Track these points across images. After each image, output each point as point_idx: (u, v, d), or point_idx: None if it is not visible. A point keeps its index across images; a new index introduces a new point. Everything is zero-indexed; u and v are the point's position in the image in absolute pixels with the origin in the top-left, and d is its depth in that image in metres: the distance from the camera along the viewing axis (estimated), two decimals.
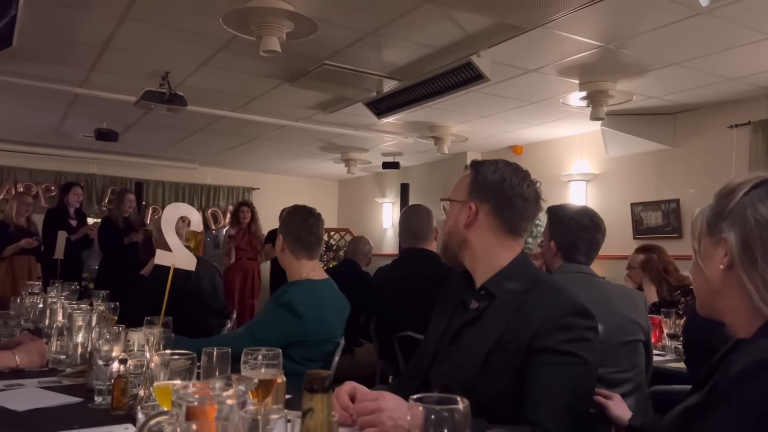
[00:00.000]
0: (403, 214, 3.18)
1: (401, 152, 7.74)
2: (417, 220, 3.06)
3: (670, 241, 5.40)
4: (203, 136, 7.05)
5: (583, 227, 2.29)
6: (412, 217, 3.09)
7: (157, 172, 8.80)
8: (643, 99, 5.02)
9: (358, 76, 4.63)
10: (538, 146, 6.87)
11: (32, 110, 6.06)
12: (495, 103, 5.35)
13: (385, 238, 9.10)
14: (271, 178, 9.72)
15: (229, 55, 4.28)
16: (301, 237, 2.46)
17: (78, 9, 3.58)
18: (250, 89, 5.16)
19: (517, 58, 4.21)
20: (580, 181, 6.27)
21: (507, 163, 1.66)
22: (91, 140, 6.71)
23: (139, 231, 6.34)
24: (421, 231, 3.02)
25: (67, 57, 4.45)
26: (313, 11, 3.49)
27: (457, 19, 3.60)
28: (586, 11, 3.35)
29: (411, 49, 4.13)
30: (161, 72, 4.67)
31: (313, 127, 6.32)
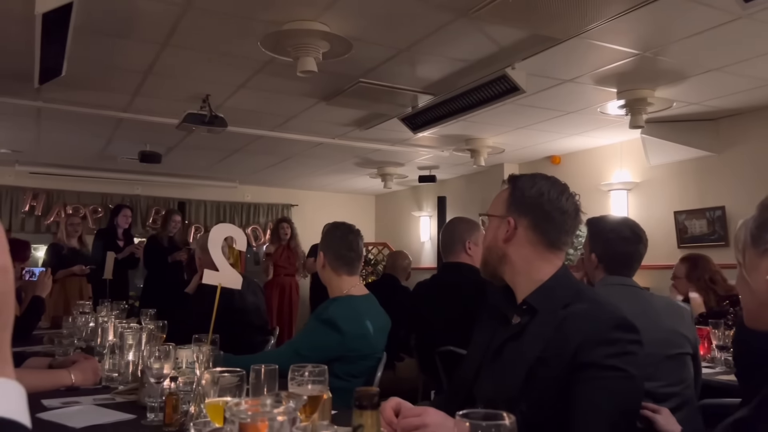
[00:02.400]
0: (445, 227, 3.19)
1: (437, 165, 7.75)
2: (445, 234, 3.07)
3: (716, 249, 5.26)
4: (242, 155, 7.20)
5: (624, 239, 2.26)
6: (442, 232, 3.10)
7: (198, 192, 9.01)
8: (684, 105, 4.93)
9: (392, 92, 4.68)
10: (577, 156, 6.79)
11: (79, 135, 6.28)
12: (531, 114, 5.32)
13: (423, 252, 9.10)
14: (308, 195, 9.84)
15: (266, 76, 4.38)
16: (341, 253, 2.50)
17: (122, 37, 3.72)
18: (288, 109, 5.26)
19: (552, 69, 4.19)
20: (621, 191, 6.17)
21: (545, 177, 1.66)
22: (135, 162, 6.92)
23: (182, 250, 6.51)
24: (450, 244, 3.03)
25: (112, 83, 4.62)
26: (347, 31, 3.55)
27: (490, 33, 3.62)
28: (621, 20, 3.33)
29: (445, 64, 4.16)
30: (202, 95, 4.80)
31: (350, 143, 6.40)
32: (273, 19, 3.40)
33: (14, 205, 8.03)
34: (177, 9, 3.31)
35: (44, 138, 6.40)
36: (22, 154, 7.27)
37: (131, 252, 6.42)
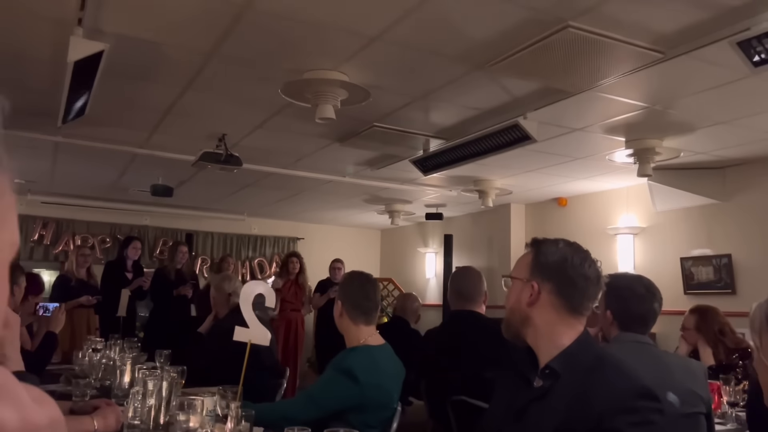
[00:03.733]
0: (453, 276, 3.23)
1: (444, 204, 7.83)
2: (467, 282, 3.11)
3: (723, 297, 5.29)
4: (253, 189, 7.28)
5: (639, 296, 2.30)
6: (462, 279, 3.14)
7: (206, 224, 9.07)
8: (691, 154, 5.02)
9: (405, 136, 4.78)
10: (584, 198, 6.86)
11: (93, 168, 6.37)
12: (540, 159, 5.41)
13: (428, 288, 9.11)
14: (315, 228, 9.90)
15: (283, 118, 4.48)
16: (359, 303, 2.54)
17: (145, 80, 3.83)
18: (301, 148, 5.35)
19: (562, 118, 4.29)
20: (627, 235, 6.22)
21: (568, 243, 1.72)
22: (146, 194, 7.00)
23: (187, 284, 6.54)
24: (471, 294, 3.07)
25: (131, 121, 4.71)
26: (366, 80, 3.65)
27: (504, 84, 3.72)
28: (632, 76, 3.43)
29: (458, 111, 4.25)
30: (218, 133, 4.89)
31: (360, 182, 6.48)
32: (294, 67, 3.50)
33: (24, 233, 8.09)
34: (202, 57, 3.41)
35: (59, 169, 6.49)
36: (35, 184, 7.35)
37: (139, 285, 6.46)
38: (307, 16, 2.92)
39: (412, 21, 2.92)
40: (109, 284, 6.33)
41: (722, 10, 2.72)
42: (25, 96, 4.20)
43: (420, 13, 2.84)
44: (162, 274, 6.61)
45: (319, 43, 3.20)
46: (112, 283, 6.36)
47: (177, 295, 6.42)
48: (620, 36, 2.97)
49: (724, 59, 3.13)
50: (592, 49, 3.08)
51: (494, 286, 7.47)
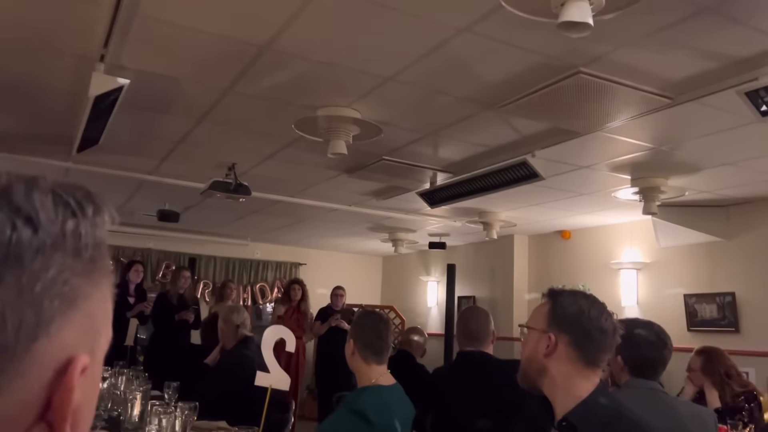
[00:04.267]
0: (460, 315, 3.25)
1: (448, 233, 7.86)
2: (475, 322, 3.12)
3: (726, 335, 5.31)
4: (258, 216, 7.31)
5: (650, 343, 2.33)
6: (469, 319, 3.15)
7: (210, 248, 9.08)
8: (696, 193, 5.07)
9: (413, 169, 4.83)
10: (587, 232, 6.90)
11: (100, 192, 6.36)
12: (545, 194, 5.46)
13: (429, 317, 9.11)
14: (317, 254, 9.91)
15: (294, 150, 4.53)
16: (371, 342, 2.56)
17: (161, 112, 3.88)
18: (310, 178, 5.40)
19: (569, 157, 4.34)
20: (631, 270, 6.25)
21: (584, 295, 1.75)
22: (150, 217, 7.03)
23: (189, 309, 6.55)
24: (479, 334, 3.08)
25: (143, 150, 4.77)
26: (377, 117, 3.71)
27: (514, 124, 3.78)
28: (640, 119, 3.49)
29: (466, 147, 4.31)
30: (228, 163, 4.94)
31: (365, 210, 6.52)
32: (308, 104, 3.57)
33: None
34: (218, 92, 3.47)
35: None
36: None
37: (140, 310, 6.45)
38: (324, 57, 2.99)
39: (427, 63, 2.98)
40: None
41: (730, 60, 2.79)
42: (40, 124, 4.26)
43: (435, 56, 2.90)
44: (164, 298, 6.62)
45: (334, 81, 3.27)
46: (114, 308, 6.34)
47: (179, 319, 6.42)
48: (630, 82, 3.04)
49: (731, 106, 3.19)
50: (602, 94, 3.15)
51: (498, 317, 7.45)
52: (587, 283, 6.70)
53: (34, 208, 0.50)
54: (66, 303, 0.50)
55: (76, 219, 0.52)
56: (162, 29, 2.76)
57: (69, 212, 0.52)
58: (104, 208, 0.56)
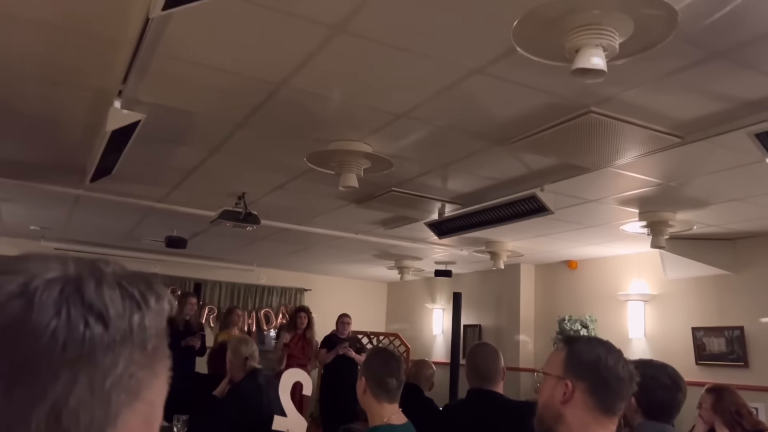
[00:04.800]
0: (470, 353, 3.24)
1: (454, 261, 7.86)
2: (485, 361, 3.11)
3: (735, 369, 5.28)
4: (265, 242, 7.33)
5: (664, 386, 2.32)
6: (479, 357, 3.14)
7: (215, 273, 9.09)
8: (704, 227, 5.08)
9: (421, 200, 4.86)
10: (594, 262, 6.90)
11: (110, 218, 6.46)
12: (553, 225, 5.47)
13: (435, 345, 9.07)
14: (322, 279, 9.91)
15: (304, 181, 4.57)
16: (383, 380, 2.55)
17: (174, 144, 3.93)
18: (318, 207, 5.43)
19: (578, 190, 4.37)
20: (638, 302, 6.23)
21: (601, 342, 1.76)
22: (157, 243, 7.05)
23: (196, 335, 6.54)
24: (489, 372, 3.07)
25: (154, 178, 4.81)
26: (389, 150, 3.75)
27: (523, 159, 3.81)
28: (649, 156, 3.52)
29: (475, 180, 4.34)
30: (238, 192, 4.98)
31: (372, 239, 6.54)
32: (320, 138, 3.61)
33: None
34: (232, 126, 3.52)
35: (75, 219, 6.57)
36: (49, 231, 7.43)
37: None
38: (337, 95, 3.03)
39: (439, 101, 3.03)
40: None
41: (740, 102, 2.82)
42: (53, 153, 4.31)
43: (447, 95, 2.94)
44: (171, 325, 6.59)
45: (347, 117, 3.31)
46: None
47: (185, 346, 6.41)
48: (640, 121, 3.07)
49: (741, 145, 3.22)
50: (612, 132, 3.18)
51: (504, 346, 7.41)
52: (594, 313, 6.70)
53: (105, 304, 0.52)
54: (131, 396, 0.52)
55: (141, 312, 0.54)
56: (179, 67, 2.81)
57: (135, 305, 0.54)
58: (164, 296, 0.58)
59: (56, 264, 0.54)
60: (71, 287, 0.51)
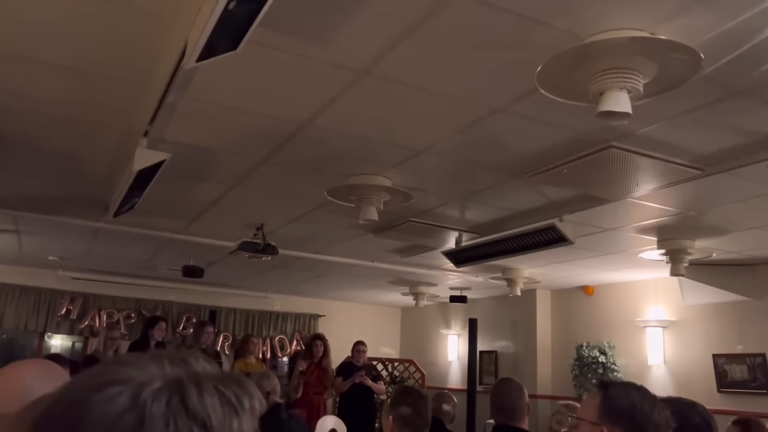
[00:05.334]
0: (494, 388, 3.21)
1: (469, 287, 7.85)
2: (509, 397, 3.09)
3: (758, 397, 5.22)
4: (280, 270, 7.35)
5: (696, 426, 2.30)
6: (504, 393, 3.12)
7: (230, 300, 9.11)
8: (723, 253, 5.06)
9: (439, 230, 4.88)
10: (611, 288, 6.87)
11: (128, 249, 6.51)
12: (570, 252, 5.46)
13: (450, 372, 9.01)
14: (336, 305, 9.90)
15: (322, 212, 4.60)
16: (410, 420, 2.56)
17: (197, 180, 3.99)
18: (335, 237, 5.46)
19: (596, 220, 4.37)
20: (656, 328, 6.19)
21: (636, 388, 1.76)
22: (173, 271, 7.09)
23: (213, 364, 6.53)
24: (514, 408, 3.05)
25: (174, 211, 4.86)
26: (408, 184, 3.79)
27: (542, 191, 3.83)
28: (668, 188, 3.53)
29: (493, 211, 4.36)
30: (257, 223, 5.01)
31: (388, 266, 6.55)
32: (341, 172, 3.65)
33: (52, 307, 8.19)
34: (254, 162, 3.57)
35: (94, 249, 6.63)
36: (67, 261, 7.50)
37: None
38: (359, 133, 3.08)
39: (459, 138, 3.06)
40: None
41: (761, 136, 2.84)
42: (76, 188, 4.38)
43: (468, 131, 2.98)
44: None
45: (368, 153, 3.35)
46: None
47: None
48: (660, 155, 3.09)
49: (761, 176, 3.23)
50: (632, 165, 3.20)
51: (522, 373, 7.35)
52: (612, 340, 6.65)
53: (207, 414, 0.54)
54: None
55: (238, 417, 0.56)
56: (206, 108, 2.87)
57: (233, 411, 0.56)
58: (255, 396, 0.61)
59: (155, 368, 0.56)
60: (176, 398, 0.54)
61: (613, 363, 6.46)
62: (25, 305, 8.08)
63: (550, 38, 2.11)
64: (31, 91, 2.79)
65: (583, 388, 6.70)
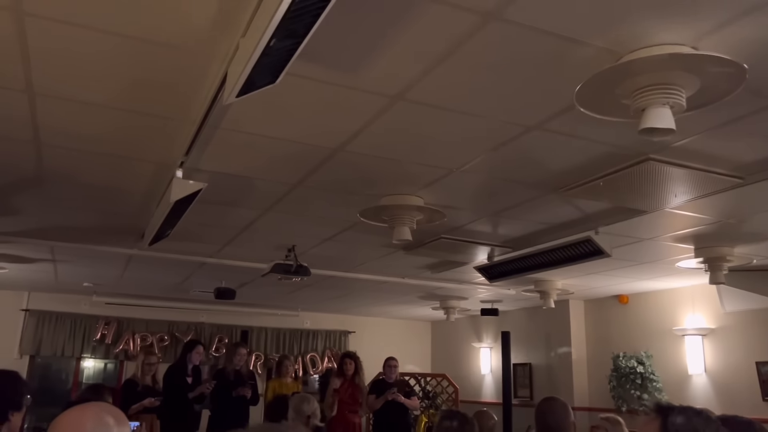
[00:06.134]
0: (538, 409, 3.18)
1: (500, 299, 7.78)
2: (554, 417, 3.05)
3: None
4: (310, 289, 7.37)
5: None
6: (548, 413, 3.08)
7: (261, 320, 9.15)
8: (764, 259, 4.94)
9: (471, 245, 4.85)
10: (646, 297, 6.75)
11: (160, 273, 6.58)
12: (605, 263, 5.36)
13: (484, 385, 8.92)
14: (365, 321, 9.89)
15: (353, 232, 4.60)
16: None
17: (231, 206, 4.02)
18: (366, 255, 5.45)
19: (632, 231, 4.30)
20: (695, 336, 6.06)
21: (696, 412, 1.72)
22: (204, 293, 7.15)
23: (247, 385, 6.54)
24: (560, 428, 3.02)
25: (207, 237, 4.90)
26: (441, 202, 3.77)
27: (577, 204, 3.79)
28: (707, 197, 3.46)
29: (527, 225, 4.32)
30: (288, 245, 5.03)
31: (418, 282, 6.52)
32: (373, 193, 3.65)
33: (87, 332, 8.31)
34: (287, 187, 3.59)
35: (127, 275, 6.72)
36: (101, 286, 7.60)
37: (201, 392, 6.46)
38: (392, 155, 3.08)
39: (493, 156, 3.04)
40: (170, 389, 6.36)
41: None
42: (111, 218, 4.44)
43: (502, 150, 2.96)
44: (222, 376, 6.64)
45: (401, 174, 3.35)
46: (174, 389, 6.39)
47: (237, 395, 6.42)
48: (700, 165, 3.03)
49: None
50: (671, 177, 3.14)
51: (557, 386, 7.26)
52: (649, 349, 6.53)
53: None
54: None
55: None
56: (240, 137, 2.90)
57: None
58: None
59: None
60: None
61: (651, 373, 6.34)
62: (62, 331, 8.22)
63: (587, 57, 2.09)
64: (72, 128, 2.84)
65: (622, 399, 6.58)
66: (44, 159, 3.25)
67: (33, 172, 3.46)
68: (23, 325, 8.07)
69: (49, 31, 2.06)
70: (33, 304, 8.14)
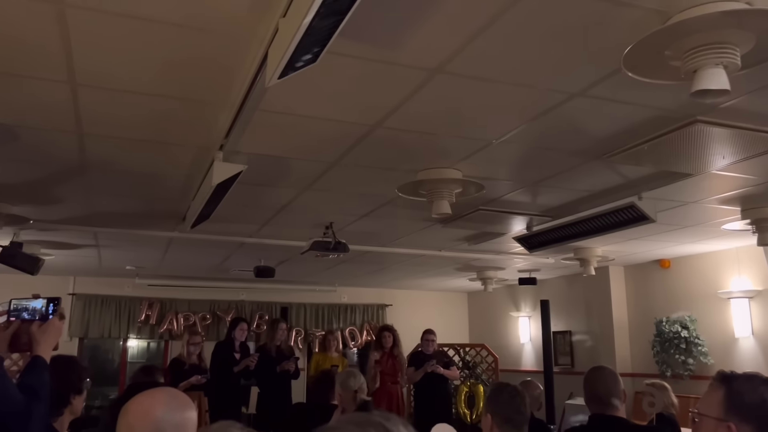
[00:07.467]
0: (587, 378, 3.15)
1: (538, 268, 7.73)
2: (604, 385, 3.02)
3: None
4: (347, 264, 7.41)
5: None
6: (598, 382, 3.04)
7: (299, 296, 9.28)
8: None
9: (509, 215, 4.80)
10: (689, 260, 6.63)
11: (201, 255, 6.69)
12: (647, 228, 5.26)
13: (523, 354, 8.92)
14: (402, 294, 9.95)
15: (391, 207, 4.60)
16: (510, 417, 2.53)
17: (269, 186, 4.04)
18: (403, 229, 5.45)
19: (676, 195, 4.21)
20: (742, 299, 5.94)
21: (763, 380, 1.68)
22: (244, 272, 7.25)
23: (291, 360, 6.66)
24: (610, 397, 2.98)
25: (246, 217, 4.95)
26: (480, 174, 3.73)
27: (620, 170, 3.70)
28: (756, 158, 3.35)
29: (567, 194, 4.25)
30: (326, 222, 5.05)
31: (456, 254, 6.51)
32: (411, 168, 3.62)
33: (132, 314, 8.54)
34: (325, 165, 3.59)
35: (168, 257, 6.85)
36: (143, 269, 7.78)
37: (246, 365, 6.60)
38: (431, 129, 3.04)
39: (534, 125, 2.98)
40: (218, 364, 6.52)
41: None
42: (152, 203, 4.51)
43: (543, 118, 2.90)
44: (264, 352, 6.76)
45: (440, 148, 3.31)
46: (221, 364, 6.55)
47: (280, 371, 6.54)
48: (750, 125, 2.93)
49: None
50: (719, 138, 3.05)
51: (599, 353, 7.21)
52: (693, 313, 6.43)
53: None
54: None
55: None
56: (279, 119, 2.89)
57: None
58: None
59: None
60: None
61: (696, 337, 6.25)
62: (107, 314, 8.46)
63: (635, 19, 2.02)
64: (113, 117, 2.87)
65: (666, 365, 6.52)
66: (86, 148, 3.30)
67: (76, 161, 3.52)
68: (71, 309, 8.31)
69: (89, 22, 2.07)
70: (79, 288, 8.38)
